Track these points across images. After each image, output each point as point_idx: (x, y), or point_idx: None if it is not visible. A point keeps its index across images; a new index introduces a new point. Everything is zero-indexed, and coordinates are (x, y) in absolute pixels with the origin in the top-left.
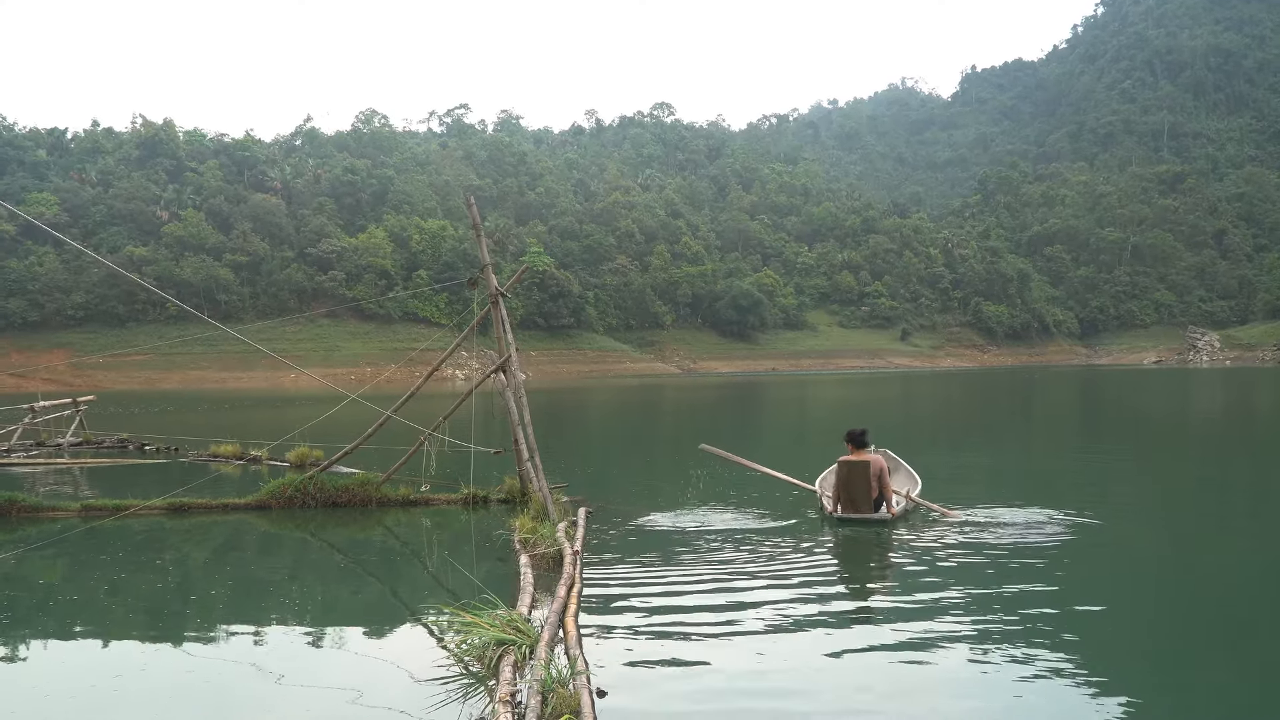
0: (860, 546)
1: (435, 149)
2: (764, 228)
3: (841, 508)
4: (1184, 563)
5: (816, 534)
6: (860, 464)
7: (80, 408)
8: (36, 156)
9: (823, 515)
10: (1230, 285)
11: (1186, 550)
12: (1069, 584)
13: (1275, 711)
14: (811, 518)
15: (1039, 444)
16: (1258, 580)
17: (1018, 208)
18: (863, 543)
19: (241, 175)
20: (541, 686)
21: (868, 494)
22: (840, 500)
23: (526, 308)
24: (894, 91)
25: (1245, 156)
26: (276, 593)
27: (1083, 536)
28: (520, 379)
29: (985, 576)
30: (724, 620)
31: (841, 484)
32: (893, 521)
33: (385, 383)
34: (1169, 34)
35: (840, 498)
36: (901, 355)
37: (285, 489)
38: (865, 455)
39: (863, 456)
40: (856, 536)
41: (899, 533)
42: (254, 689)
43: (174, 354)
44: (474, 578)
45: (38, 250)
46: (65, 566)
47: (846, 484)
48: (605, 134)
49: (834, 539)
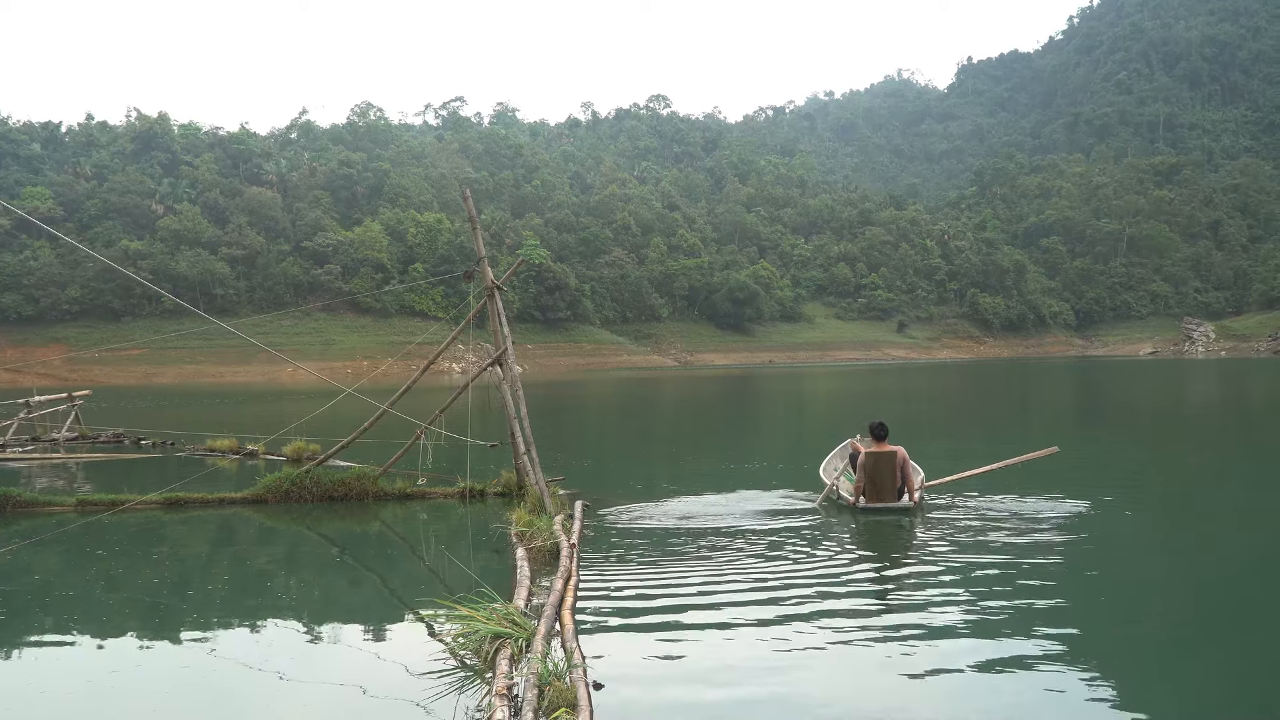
0: (859, 538)
1: (431, 142)
2: (760, 220)
3: (866, 498)
4: (1198, 548)
5: (814, 526)
6: (887, 454)
7: (76, 402)
8: (31, 150)
9: (825, 504)
10: (1225, 276)
11: (1198, 536)
12: (1077, 573)
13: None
14: (808, 508)
15: (1037, 432)
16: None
17: (1014, 199)
18: (862, 534)
19: (237, 169)
20: (538, 679)
21: (893, 484)
22: (865, 491)
23: (523, 301)
24: (890, 83)
25: (1240, 148)
26: (273, 587)
27: (1085, 524)
28: (517, 372)
29: (993, 569)
30: (721, 612)
31: (868, 475)
32: (914, 509)
33: (382, 376)
34: (1164, 25)
35: (865, 488)
36: (898, 347)
37: (282, 483)
38: (889, 446)
39: (887, 448)
40: (856, 528)
41: (916, 519)
42: (251, 683)
43: (170, 348)
44: (470, 571)
45: (32, 244)
46: (61, 561)
47: (873, 474)
48: (601, 126)
49: (831, 530)
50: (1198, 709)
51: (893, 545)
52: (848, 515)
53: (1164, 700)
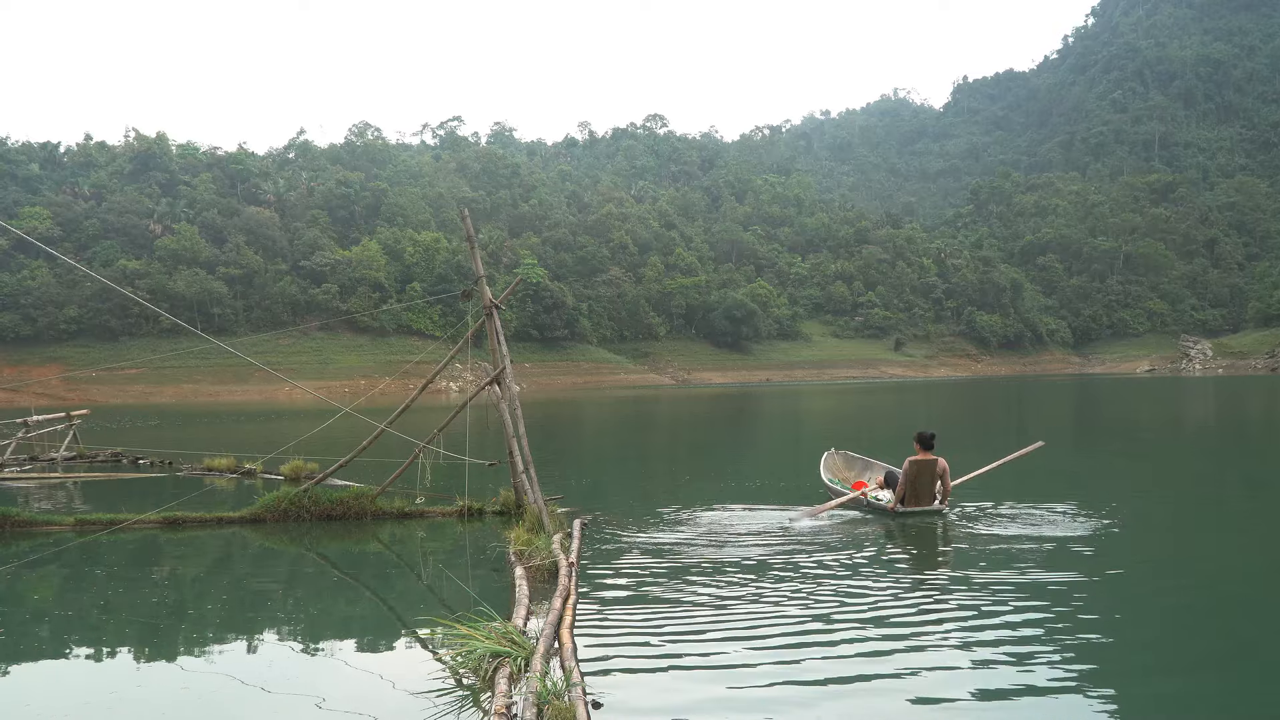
0: (864, 551)
1: (429, 161)
2: (757, 238)
3: (905, 502)
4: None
5: (816, 542)
6: (929, 462)
7: (74, 422)
8: (29, 170)
9: (831, 516)
10: (1222, 294)
11: (1198, 549)
12: (1085, 583)
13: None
14: (809, 525)
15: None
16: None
17: (1010, 217)
18: (871, 550)
19: (235, 188)
20: (537, 699)
21: (931, 489)
22: (905, 495)
23: (520, 320)
24: (886, 102)
25: (1235, 166)
26: (271, 606)
27: (1087, 538)
28: (514, 391)
29: (1001, 577)
30: (720, 631)
31: (910, 480)
32: (944, 510)
33: (380, 395)
34: (1159, 44)
35: (906, 493)
36: (895, 365)
37: (280, 502)
38: (932, 455)
39: (929, 456)
40: (862, 544)
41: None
42: (249, 703)
43: (167, 368)
44: (469, 590)
45: (30, 264)
46: (59, 581)
47: (915, 480)
48: (598, 146)
49: (836, 547)
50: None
51: (896, 558)
52: (916, 516)
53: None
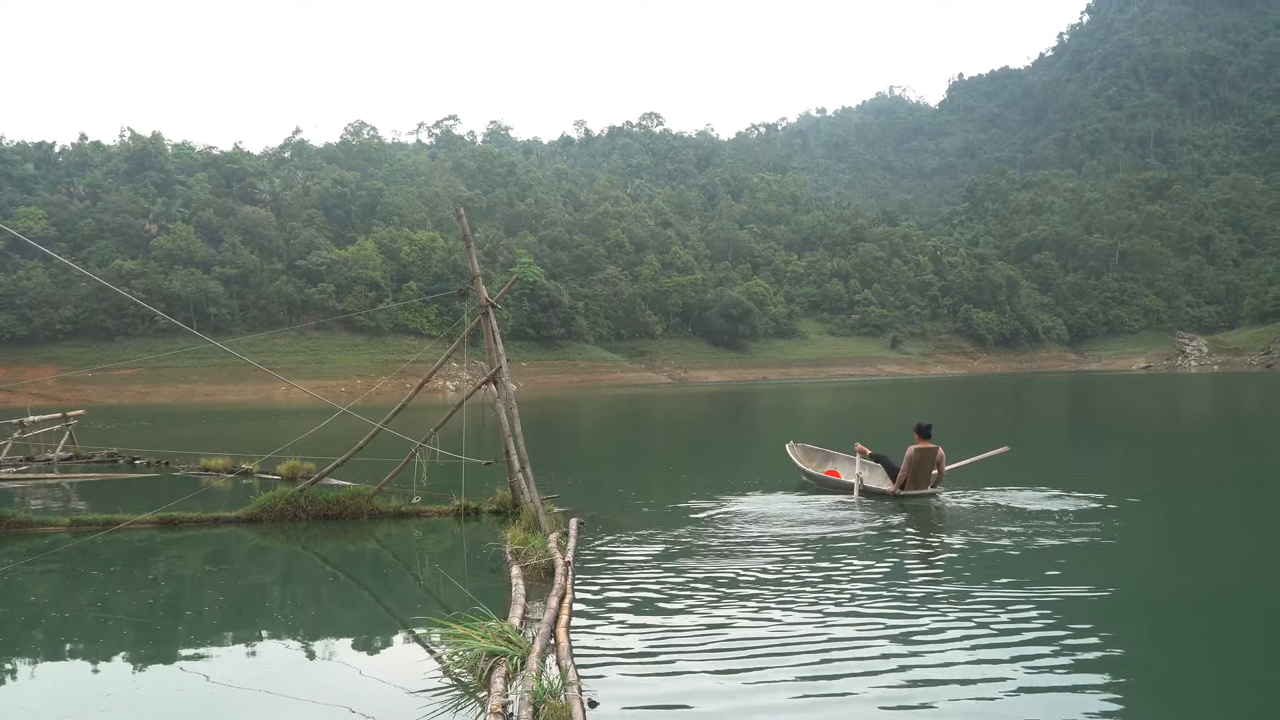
0: (857, 549)
1: (424, 160)
2: (753, 237)
3: (906, 487)
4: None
5: (814, 539)
6: (930, 450)
7: (70, 422)
8: (24, 170)
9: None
10: (1218, 290)
11: (1200, 544)
12: (1085, 583)
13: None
14: (806, 518)
15: (1034, 442)
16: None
17: (1006, 215)
18: (860, 545)
19: (230, 188)
20: (533, 698)
21: (929, 475)
22: (906, 480)
23: (517, 318)
24: (882, 100)
25: (1231, 162)
26: (268, 606)
27: (1081, 527)
28: (511, 390)
29: (996, 569)
30: (717, 630)
31: (912, 466)
32: (939, 492)
33: (376, 395)
34: (1154, 41)
35: (908, 478)
36: (892, 363)
37: (276, 502)
38: (931, 444)
39: (929, 445)
40: (861, 539)
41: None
42: (246, 703)
43: (163, 368)
44: (465, 589)
45: (26, 264)
46: (55, 582)
47: (916, 466)
48: (594, 144)
49: (833, 544)
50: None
51: (890, 554)
52: (915, 498)
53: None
